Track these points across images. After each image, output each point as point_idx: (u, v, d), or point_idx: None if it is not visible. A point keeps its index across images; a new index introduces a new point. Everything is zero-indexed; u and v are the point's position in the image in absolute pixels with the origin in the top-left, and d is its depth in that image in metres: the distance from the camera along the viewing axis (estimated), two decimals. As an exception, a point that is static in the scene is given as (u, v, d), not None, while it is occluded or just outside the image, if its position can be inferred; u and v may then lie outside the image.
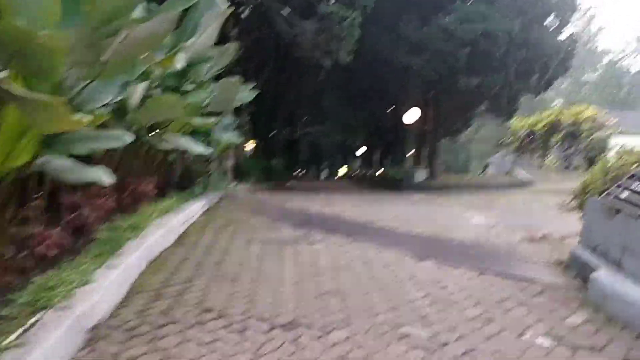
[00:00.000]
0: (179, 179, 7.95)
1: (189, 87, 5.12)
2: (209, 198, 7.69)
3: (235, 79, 6.32)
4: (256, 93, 8.02)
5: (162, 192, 7.06)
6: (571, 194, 5.93)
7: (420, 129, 18.41)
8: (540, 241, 6.88)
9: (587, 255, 4.58)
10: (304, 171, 64.02)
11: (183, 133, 6.24)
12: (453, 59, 13.34)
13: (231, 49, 6.55)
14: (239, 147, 14.08)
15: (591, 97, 65.55)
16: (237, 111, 15.05)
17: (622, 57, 71.84)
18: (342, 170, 64.80)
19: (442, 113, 17.15)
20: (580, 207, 5.58)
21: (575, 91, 64.96)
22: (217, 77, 6.56)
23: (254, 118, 20.63)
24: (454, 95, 15.46)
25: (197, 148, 4.60)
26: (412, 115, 17.41)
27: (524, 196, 12.21)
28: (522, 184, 14.95)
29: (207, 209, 7.21)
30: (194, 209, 6.58)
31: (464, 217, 8.20)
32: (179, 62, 4.59)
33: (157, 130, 5.42)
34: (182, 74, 4.99)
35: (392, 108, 22.55)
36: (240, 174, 12.94)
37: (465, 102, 16.96)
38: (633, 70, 71.74)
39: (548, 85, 15.82)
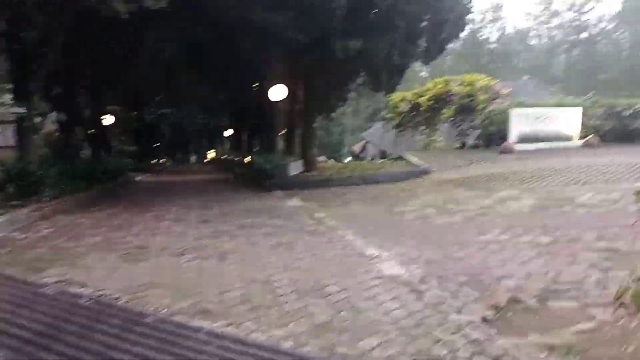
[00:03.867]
0: None
1: None
2: None
3: None
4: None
5: None
6: None
7: (290, 109, 15.10)
8: (512, 312, 3.85)
9: None
10: (164, 159, 58.80)
11: None
12: (327, 16, 10.07)
13: None
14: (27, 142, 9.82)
15: (456, 66, 66.84)
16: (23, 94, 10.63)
17: (482, 26, 74.35)
18: (211, 154, 60.76)
19: (314, 89, 13.90)
20: None
21: (439, 61, 65.72)
22: None
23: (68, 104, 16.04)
24: (328, 66, 12.26)
25: None
26: (278, 92, 13.98)
27: (430, 194, 9.39)
28: (418, 173, 12.25)
29: None
30: None
31: (368, 263, 4.98)
32: None
33: None
34: None
35: (256, 84, 18.97)
36: (27, 190, 8.69)
37: (341, 75, 13.87)
38: (492, 38, 74.60)
39: (441, 49, 13.23)
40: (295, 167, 13.70)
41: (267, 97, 15.30)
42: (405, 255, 5.37)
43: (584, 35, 67.40)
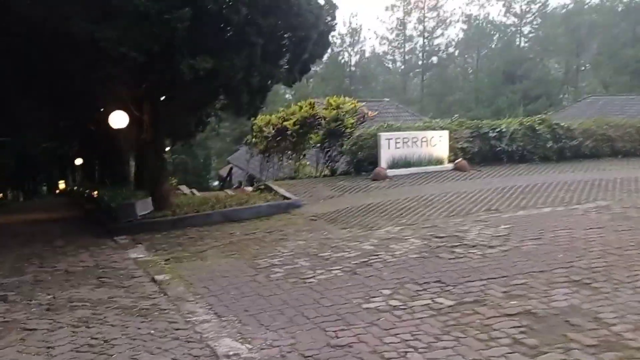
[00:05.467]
0: None
1: None
2: None
3: None
4: None
5: None
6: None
7: (138, 138, 13.01)
8: None
9: None
10: (7, 192, 52.28)
11: None
12: (167, 27, 8.34)
13: None
14: None
15: (319, 89, 67.66)
16: None
17: (342, 50, 76.29)
18: (62, 185, 55.23)
19: (164, 115, 12.01)
20: None
21: (302, 84, 66.05)
22: None
23: None
24: (178, 88, 10.50)
25: None
26: (118, 119, 11.90)
27: (301, 236, 8.02)
28: (286, 207, 10.92)
29: None
30: None
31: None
32: None
33: None
34: None
35: (101, 109, 16.52)
36: None
37: (195, 98, 12.17)
38: (352, 62, 76.80)
39: (305, 70, 12.02)
40: (145, 205, 11.67)
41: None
42: (274, 346, 3.86)
43: (434, 59, 71.74)
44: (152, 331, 4.31)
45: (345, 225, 8.67)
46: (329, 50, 63.72)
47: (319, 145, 15.36)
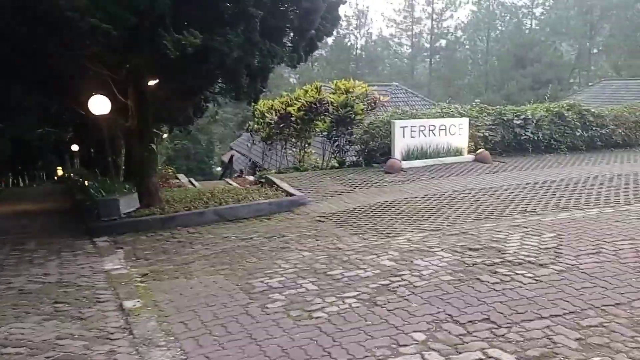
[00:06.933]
0: None
1: None
2: None
3: None
4: None
5: None
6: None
7: (126, 125, 11.75)
8: None
9: None
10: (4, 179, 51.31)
11: None
12: (145, -3, 7.05)
13: None
14: None
15: (324, 73, 66.11)
16: None
17: (347, 33, 74.57)
18: (60, 171, 54.21)
19: (152, 100, 10.73)
20: None
21: (307, 67, 64.41)
22: None
23: None
24: (165, 70, 9.22)
25: None
26: (99, 104, 10.63)
27: (306, 245, 6.78)
28: (289, 205, 9.69)
29: None
30: None
31: None
32: None
33: None
34: None
35: (86, 93, 15.28)
36: None
37: (188, 81, 10.90)
38: (358, 45, 75.05)
39: (311, 48, 10.70)
40: (130, 201, 10.46)
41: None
42: None
43: (443, 42, 69.91)
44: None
45: (357, 229, 7.44)
46: (335, 33, 62.11)
47: (325, 133, 14.06)
